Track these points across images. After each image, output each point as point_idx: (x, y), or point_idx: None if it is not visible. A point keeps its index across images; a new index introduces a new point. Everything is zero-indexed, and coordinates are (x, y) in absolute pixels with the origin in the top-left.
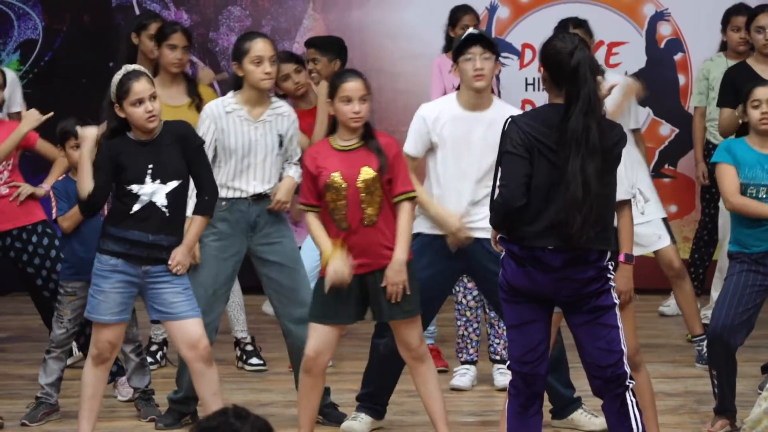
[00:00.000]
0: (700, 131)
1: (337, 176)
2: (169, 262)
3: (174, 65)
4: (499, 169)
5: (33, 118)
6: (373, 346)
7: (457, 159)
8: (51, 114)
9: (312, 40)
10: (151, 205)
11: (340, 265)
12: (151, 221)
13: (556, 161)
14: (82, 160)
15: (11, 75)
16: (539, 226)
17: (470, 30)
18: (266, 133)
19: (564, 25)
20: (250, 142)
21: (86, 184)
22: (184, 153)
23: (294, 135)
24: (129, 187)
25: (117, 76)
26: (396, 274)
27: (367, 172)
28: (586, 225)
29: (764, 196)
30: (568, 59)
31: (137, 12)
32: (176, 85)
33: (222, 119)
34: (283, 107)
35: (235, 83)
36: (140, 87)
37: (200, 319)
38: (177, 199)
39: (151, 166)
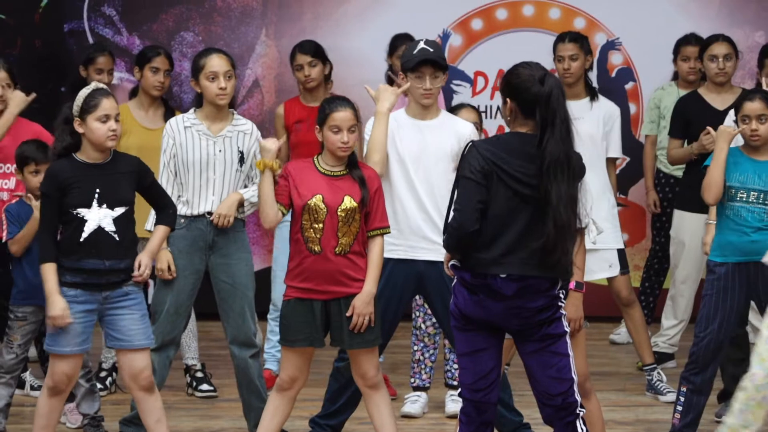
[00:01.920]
0: (650, 160)
1: (318, 200)
2: (135, 272)
3: (155, 88)
4: (455, 192)
5: (19, 99)
6: (335, 369)
7: (402, 166)
8: (34, 96)
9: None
10: (100, 231)
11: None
12: (103, 247)
13: (516, 188)
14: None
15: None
16: (494, 254)
17: (422, 46)
18: (225, 148)
19: (561, 38)
20: (208, 157)
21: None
22: (138, 186)
23: (257, 153)
24: (75, 212)
25: (86, 90)
26: (364, 306)
27: (349, 202)
28: (572, 249)
29: (754, 200)
30: (539, 87)
31: (89, 37)
32: (154, 109)
33: (181, 134)
34: (246, 125)
35: (197, 100)
36: (110, 104)
37: (149, 349)
38: (124, 224)
39: (98, 190)
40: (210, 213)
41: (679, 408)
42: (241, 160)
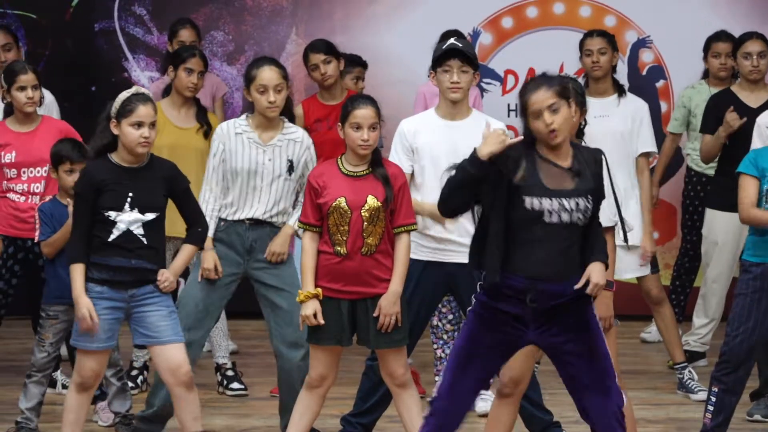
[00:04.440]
0: (666, 156)
1: (342, 201)
2: (158, 278)
3: (188, 89)
4: None
5: None
6: (367, 367)
7: (435, 168)
8: None
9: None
10: (128, 233)
11: (310, 315)
12: (131, 248)
13: None
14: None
15: (49, 97)
16: None
17: (451, 41)
18: (275, 157)
19: (590, 33)
20: (256, 165)
21: None
22: (170, 193)
23: (309, 161)
24: (107, 213)
25: (125, 93)
26: (390, 306)
27: (372, 202)
28: None
29: None
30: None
31: (120, 36)
32: (186, 108)
33: (231, 140)
34: (296, 132)
35: (250, 106)
36: (145, 111)
37: (183, 344)
38: (154, 229)
39: (131, 194)
40: (251, 219)
41: (710, 408)
42: (291, 169)
